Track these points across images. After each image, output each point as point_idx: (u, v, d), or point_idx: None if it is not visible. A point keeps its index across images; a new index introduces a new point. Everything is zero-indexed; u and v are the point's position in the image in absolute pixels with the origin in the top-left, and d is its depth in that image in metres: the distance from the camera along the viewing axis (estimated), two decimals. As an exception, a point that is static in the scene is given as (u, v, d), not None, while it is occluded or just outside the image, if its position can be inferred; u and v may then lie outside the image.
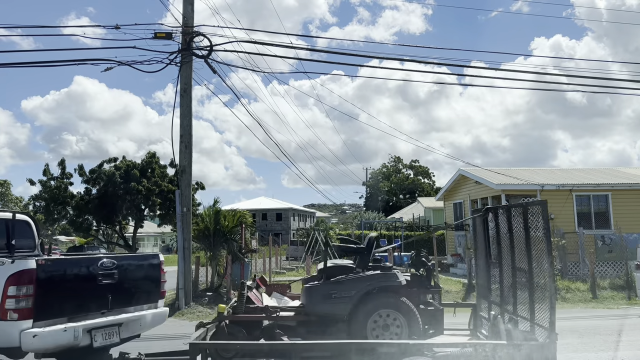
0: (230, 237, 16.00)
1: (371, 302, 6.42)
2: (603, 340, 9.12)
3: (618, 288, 15.67)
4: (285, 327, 6.80)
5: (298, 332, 6.70)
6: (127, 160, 36.15)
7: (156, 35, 12.29)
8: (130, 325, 6.48)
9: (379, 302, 6.42)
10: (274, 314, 6.77)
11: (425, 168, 78.41)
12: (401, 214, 47.33)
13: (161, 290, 7.13)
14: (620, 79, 28.92)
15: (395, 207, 64.80)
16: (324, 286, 6.71)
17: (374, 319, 6.39)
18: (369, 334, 6.32)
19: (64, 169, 35.79)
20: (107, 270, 6.22)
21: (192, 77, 13.49)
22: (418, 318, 6.38)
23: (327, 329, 6.53)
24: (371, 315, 6.38)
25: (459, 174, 24.32)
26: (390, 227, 38.54)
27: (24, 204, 53.27)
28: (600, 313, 12.78)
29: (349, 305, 6.42)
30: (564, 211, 19.76)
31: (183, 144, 13.48)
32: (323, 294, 6.57)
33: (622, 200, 20.17)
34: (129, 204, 34.29)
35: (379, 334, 6.33)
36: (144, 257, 7.42)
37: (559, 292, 15.15)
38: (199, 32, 12.94)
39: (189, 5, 13.35)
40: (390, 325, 6.35)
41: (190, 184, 13.68)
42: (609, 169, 25.72)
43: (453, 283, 17.99)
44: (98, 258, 6.36)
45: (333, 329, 6.51)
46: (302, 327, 6.72)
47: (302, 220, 72.98)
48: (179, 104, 13.34)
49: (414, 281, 7.13)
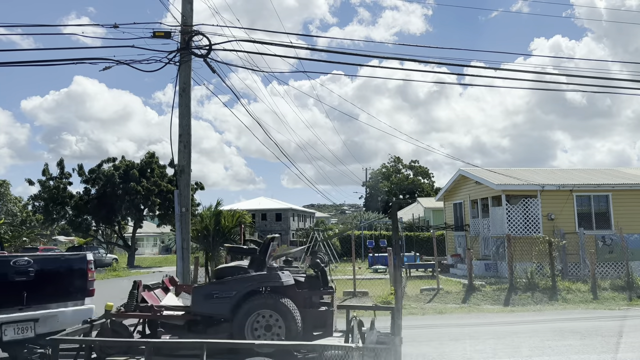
0: (230, 238, 15.95)
1: (250, 303, 6.48)
2: (605, 341, 9.06)
3: (619, 289, 15.61)
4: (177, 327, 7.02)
5: (187, 331, 6.88)
6: (126, 160, 36.08)
7: (155, 35, 12.19)
8: (48, 321, 6.97)
9: (258, 303, 6.48)
10: (158, 313, 6.89)
11: (425, 168, 78.41)
12: (401, 214, 47.28)
13: (89, 288, 7.68)
14: (620, 78, 28.85)
15: (395, 208, 64.64)
16: (208, 286, 6.93)
17: (254, 319, 6.46)
18: (249, 334, 6.40)
19: (62, 169, 35.72)
20: (22, 269, 6.78)
21: (191, 77, 13.40)
22: (296, 319, 6.37)
23: (210, 328, 6.71)
24: (250, 315, 6.44)
25: (459, 174, 24.25)
26: (390, 227, 38.46)
27: (23, 204, 53.17)
28: (601, 314, 12.72)
29: (229, 305, 6.51)
30: (564, 211, 19.70)
31: (182, 143, 13.40)
32: (205, 294, 6.67)
33: (623, 200, 20.12)
34: (128, 204, 34.22)
35: (261, 334, 6.41)
36: (68, 257, 7.97)
37: (559, 293, 15.11)
38: (198, 31, 12.86)
39: (188, 4, 13.27)
40: (273, 326, 6.41)
41: (189, 184, 13.59)
42: (609, 169, 25.66)
43: (453, 284, 17.93)
44: (12, 257, 6.95)
45: (217, 328, 6.67)
46: (191, 327, 6.91)
47: (301, 221, 72.91)
48: (178, 104, 13.26)
49: (307, 282, 7.10)
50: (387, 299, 14.06)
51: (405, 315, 12.79)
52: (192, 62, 13.36)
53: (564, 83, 47.59)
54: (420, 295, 15.44)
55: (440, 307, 13.94)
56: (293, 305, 6.45)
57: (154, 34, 12.21)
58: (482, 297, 15.08)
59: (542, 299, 14.69)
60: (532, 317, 12.38)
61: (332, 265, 27.43)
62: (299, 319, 6.37)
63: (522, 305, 14.18)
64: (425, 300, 14.81)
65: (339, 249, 32.24)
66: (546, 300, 14.64)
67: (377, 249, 30.55)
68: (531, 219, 19.55)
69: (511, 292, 15.25)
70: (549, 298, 14.78)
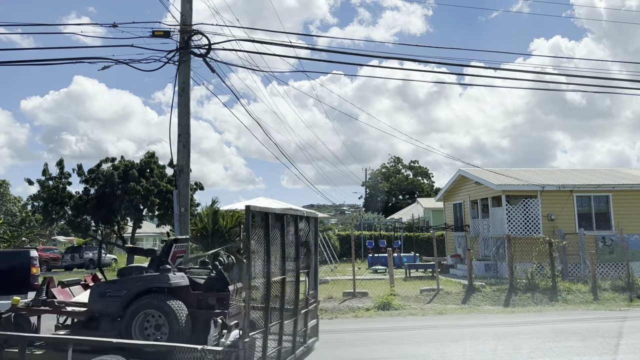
0: (229, 238, 15.91)
1: (138, 303, 6.70)
2: (606, 343, 9.01)
3: (619, 289, 15.57)
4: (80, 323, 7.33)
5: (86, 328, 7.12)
6: (126, 160, 36.00)
7: (154, 34, 12.16)
8: None
9: (144, 303, 6.70)
10: (59, 309, 7.19)
11: (425, 169, 78.35)
12: (400, 215, 47.24)
13: (33, 283, 8.32)
14: (620, 78, 28.83)
15: (395, 208, 64.76)
16: (103, 285, 7.19)
17: (144, 319, 6.69)
18: (138, 332, 6.63)
19: (62, 169, 35.64)
20: None
21: (190, 76, 13.36)
22: (179, 319, 6.50)
23: (106, 325, 6.91)
24: (137, 314, 6.68)
25: (459, 175, 24.21)
26: (390, 227, 38.43)
27: (22, 204, 53.12)
28: (602, 315, 12.68)
29: (119, 304, 6.75)
30: (564, 212, 19.66)
31: (181, 143, 13.36)
32: (100, 292, 6.93)
33: (623, 201, 20.08)
34: (128, 204, 34.15)
35: (151, 333, 6.64)
36: (12, 253, 8.58)
37: (559, 294, 15.07)
38: (198, 31, 12.82)
39: (187, 4, 13.23)
40: (162, 326, 6.59)
41: (188, 184, 13.55)
42: (609, 169, 25.62)
43: (453, 284, 17.88)
44: None
45: (112, 326, 6.87)
46: (90, 324, 7.15)
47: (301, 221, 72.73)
48: (177, 103, 13.23)
49: (206, 284, 7.16)
50: (386, 299, 14.01)
51: (405, 316, 12.81)
52: (192, 61, 13.33)
53: (564, 83, 47.62)
54: (420, 296, 15.40)
55: (440, 307, 13.89)
56: (181, 305, 6.61)
57: (153, 33, 12.19)
58: (482, 297, 15.03)
59: (542, 300, 14.64)
60: (533, 318, 12.33)
61: (332, 266, 27.37)
62: (183, 319, 6.50)
63: (523, 306, 14.14)
64: (425, 301, 14.77)
65: (339, 249, 32.19)
66: (546, 301, 14.59)
67: (376, 249, 30.50)
68: (531, 220, 19.50)
69: (511, 293, 15.20)
70: (549, 299, 14.74)
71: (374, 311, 13.35)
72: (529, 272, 15.93)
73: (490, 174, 22.01)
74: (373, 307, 13.65)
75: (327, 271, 24.90)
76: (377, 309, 13.49)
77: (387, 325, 11.47)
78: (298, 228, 7.41)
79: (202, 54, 12.75)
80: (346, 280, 17.70)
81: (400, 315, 12.89)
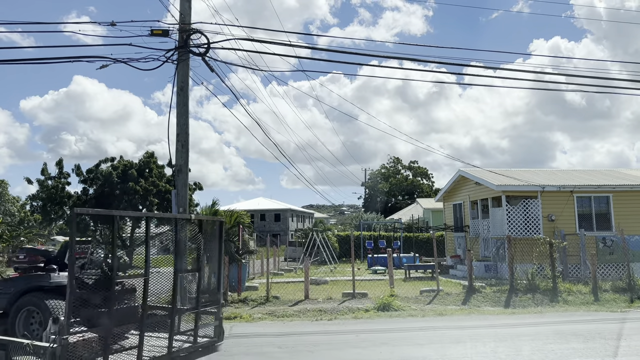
0: (228, 238, 15.82)
1: (22, 300, 7.08)
2: (608, 344, 8.93)
3: (620, 290, 15.50)
4: None
5: None
6: (125, 160, 35.92)
7: (153, 32, 12.07)
8: None
9: (26, 300, 7.07)
10: None
11: (424, 169, 78.36)
12: (400, 215, 47.20)
13: None
14: (620, 79, 28.78)
15: (395, 208, 64.72)
16: None
17: (29, 315, 7.05)
18: (22, 328, 6.98)
19: (61, 168, 35.60)
20: None
21: (189, 75, 13.28)
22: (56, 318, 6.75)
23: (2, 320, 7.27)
24: (20, 311, 7.05)
25: (458, 175, 24.14)
26: (389, 228, 38.36)
27: (21, 203, 53.01)
28: (602, 316, 12.60)
29: (7, 301, 7.17)
30: (564, 212, 19.60)
31: (180, 142, 13.27)
32: None
33: (624, 201, 20.03)
34: (126, 204, 34.09)
35: (35, 329, 6.99)
36: None
37: (560, 295, 15.00)
38: (197, 30, 12.73)
39: (186, 2, 13.15)
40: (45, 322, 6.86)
41: (187, 184, 13.47)
42: (609, 170, 25.56)
43: (453, 285, 17.81)
44: None
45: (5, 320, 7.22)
46: None
47: (300, 221, 72.79)
48: (176, 103, 13.14)
49: (95, 283, 7.26)
50: (386, 300, 13.93)
51: (405, 317, 12.73)
52: (191, 60, 13.24)
53: (564, 83, 47.53)
54: (420, 297, 15.33)
55: (440, 308, 13.81)
56: (59, 304, 6.85)
57: (151, 32, 12.10)
58: (483, 298, 14.96)
59: (542, 301, 14.57)
60: (533, 319, 12.25)
61: (331, 266, 27.30)
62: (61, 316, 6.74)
63: (523, 307, 14.06)
64: (425, 302, 14.69)
65: (338, 249, 32.12)
66: (547, 302, 14.52)
67: (376, 249, 30.43)
68: (531, 220, 19.44)
69: (512, 294, 15.13)
70: (550, 300, 14.67)
71: (374, 312, 13.27)
72: (529, 273, 15.86)
73: (490, 174, 21.95)
74: (373, 308, 13.56)
75: (327, 272, 24.83)
76: (376, 310, 13.41)
77: (387, 327, 11.39)
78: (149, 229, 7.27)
79: (201, 53, 12.68)
80: (345, 280, 17.63)
81: (400, 317, 12.81)
